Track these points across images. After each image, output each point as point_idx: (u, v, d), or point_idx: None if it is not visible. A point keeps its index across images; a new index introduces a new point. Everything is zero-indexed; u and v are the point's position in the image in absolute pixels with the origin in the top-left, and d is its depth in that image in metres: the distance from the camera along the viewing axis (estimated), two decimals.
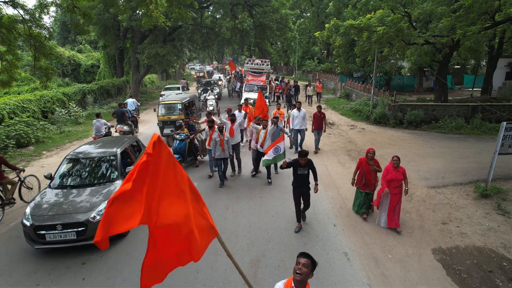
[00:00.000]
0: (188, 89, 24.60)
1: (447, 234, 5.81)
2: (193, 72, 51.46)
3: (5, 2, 6.86)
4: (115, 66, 26.49)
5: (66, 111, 15.15)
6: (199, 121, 10.42)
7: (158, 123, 11.62)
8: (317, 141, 10.50)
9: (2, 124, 11.21)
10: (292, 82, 22.49)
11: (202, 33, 23.23)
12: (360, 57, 13.96)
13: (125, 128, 11.59)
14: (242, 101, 16.42)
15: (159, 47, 19.79)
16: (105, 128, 10.61)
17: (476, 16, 10.64)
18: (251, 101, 14.51)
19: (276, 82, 22.03)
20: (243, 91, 18.83)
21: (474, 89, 22.11)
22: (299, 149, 9.73)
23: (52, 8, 13.55)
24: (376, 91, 16.21)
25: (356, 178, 6.28)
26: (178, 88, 21.85)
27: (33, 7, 7.23)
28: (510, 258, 5.09)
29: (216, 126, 7.84)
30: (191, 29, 21.17)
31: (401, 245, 5.44)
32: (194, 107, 13.05)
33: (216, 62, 74.73)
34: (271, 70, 27.72)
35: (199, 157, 9.46)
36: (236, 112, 10.12)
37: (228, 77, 29.39)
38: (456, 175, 8.49)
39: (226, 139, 7.71)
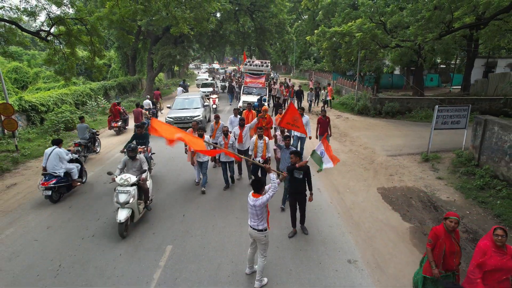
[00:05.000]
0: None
1: (391, 180, 8.46)
2: (200, 73, 47.96)
3: (77, 19, 9.47)
4: (128, 65, 29.10)
5: (96, 103, 17.76)
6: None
7: None
8: None
9: (53, 112, 13.83)
10: (281, 81, 23.65)
11: (208, 35, 25.80)
12: (344, 57, 16.56)
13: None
14: (240, 103, 15.49)
15: (171, 48, 22.40)
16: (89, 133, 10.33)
17: (434, 25, 13.27)
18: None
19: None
20: (241, 93, 17.61)
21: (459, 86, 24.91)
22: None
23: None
24: (360, 86, 18.85)
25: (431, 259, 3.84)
26: (206, 85, 23.90)
27: (93, 21, 9.78)
28: (426, 191, 7.73)
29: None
30: (208, 30, 23.12)
31: (356, 186, 8.09)
32: None
33: (217, 61, 77.39)
34: (272, 70, 27.67)
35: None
36: (232, 117, 9.56)
37: (223, 82, 29.48)
38: (411, 148, 11.14)
39: (231, 142, 7.52)
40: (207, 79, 30.00)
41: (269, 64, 20.16)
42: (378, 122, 15.46)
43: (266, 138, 7.39)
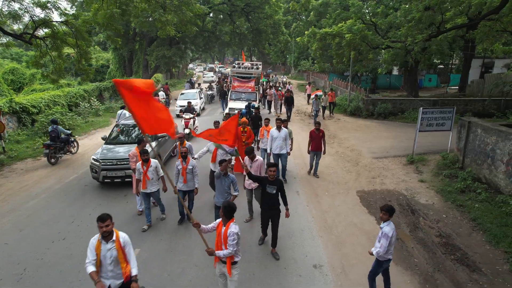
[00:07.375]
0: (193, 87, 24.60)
1: (372, 183, 8.39)
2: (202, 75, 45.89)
3: (62, 22, 9.53)
4: (125, 66, 29.24)
5: (89, 105, 17.83)
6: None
7: None
8: (316, 165, 8.77)
9: (43, 113, 13.91)
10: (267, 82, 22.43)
11: (203, 36, 25.85)
12: (336, 58, 16.51)
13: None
14: (227, 110, 14.32)
15: (166, 49, 22.47)
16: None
17: (424, 27, 13.16)
18: (235, 111, 12.65)
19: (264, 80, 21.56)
20: (228, 99, 16.27)
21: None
22: (281, 178, 7.78)
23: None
24: (354, 87, 18.76)
25: None
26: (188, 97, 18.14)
27: (79, 24, 9.83)
28: (406, 194, 7.66)
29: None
30: (194, 33, 23.52)
31: (336, 189, 8.04)
32: None
33: (218, 62, 77.52)
34: (271, 71, 26.57)
35: None
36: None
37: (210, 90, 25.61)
38: (398, 150, 11.04)
39: (191, 167, 6.06)
40: (213, 76, 30.85)
41: (260, 66, 19.06)
42: (369, 124, 15.38)
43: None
